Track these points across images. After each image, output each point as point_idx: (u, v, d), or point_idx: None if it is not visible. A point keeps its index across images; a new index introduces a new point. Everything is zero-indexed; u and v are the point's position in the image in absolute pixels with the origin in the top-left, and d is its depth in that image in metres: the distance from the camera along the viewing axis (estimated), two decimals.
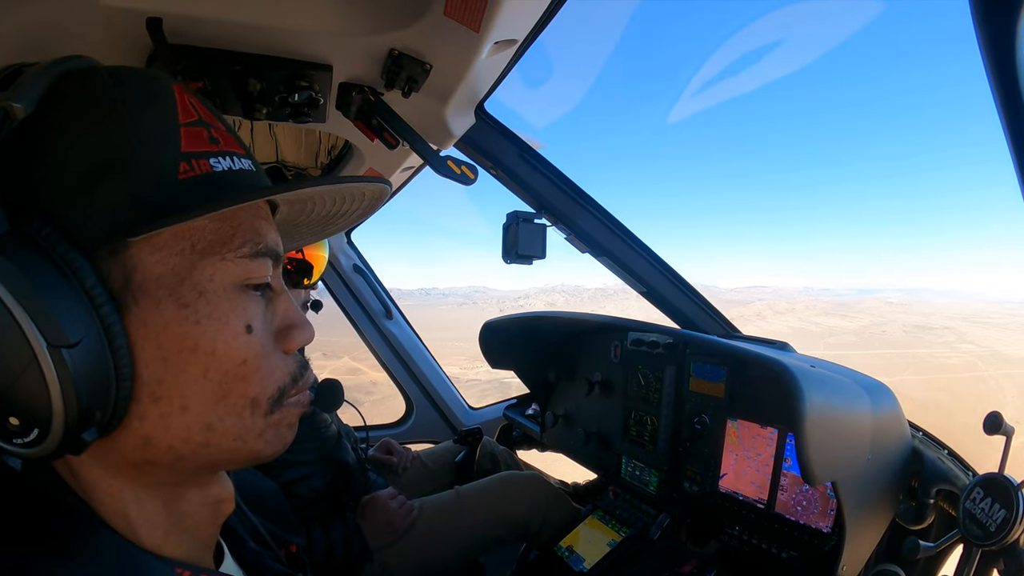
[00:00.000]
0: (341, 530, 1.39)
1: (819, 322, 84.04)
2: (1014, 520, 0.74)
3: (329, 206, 0.52)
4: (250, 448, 0.44)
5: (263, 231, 0.44)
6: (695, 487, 1.35)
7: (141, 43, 0.85)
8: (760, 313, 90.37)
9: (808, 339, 71.97)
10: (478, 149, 1.37)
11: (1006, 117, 0.45)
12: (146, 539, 0.43)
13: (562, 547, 1.46)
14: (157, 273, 0.39)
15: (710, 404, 1.33)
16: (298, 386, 0.47)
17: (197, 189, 0.40)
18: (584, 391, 1.70)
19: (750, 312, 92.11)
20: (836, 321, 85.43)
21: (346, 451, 1.58)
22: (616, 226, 1.54)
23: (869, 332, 78.34)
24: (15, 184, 0.37)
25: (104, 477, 0.42)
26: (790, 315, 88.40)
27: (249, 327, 0.43)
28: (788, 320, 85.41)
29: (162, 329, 0.39)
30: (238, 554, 0.56)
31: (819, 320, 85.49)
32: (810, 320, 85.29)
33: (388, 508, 1.50)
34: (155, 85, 0.42)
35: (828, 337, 73.93)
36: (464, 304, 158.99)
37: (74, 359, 0.35)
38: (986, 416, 0.81)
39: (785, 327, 78.86)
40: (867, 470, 0.98)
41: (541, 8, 0.89)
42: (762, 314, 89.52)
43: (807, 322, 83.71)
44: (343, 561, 1.36)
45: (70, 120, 0.38)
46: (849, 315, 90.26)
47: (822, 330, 79.58)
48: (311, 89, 1.01)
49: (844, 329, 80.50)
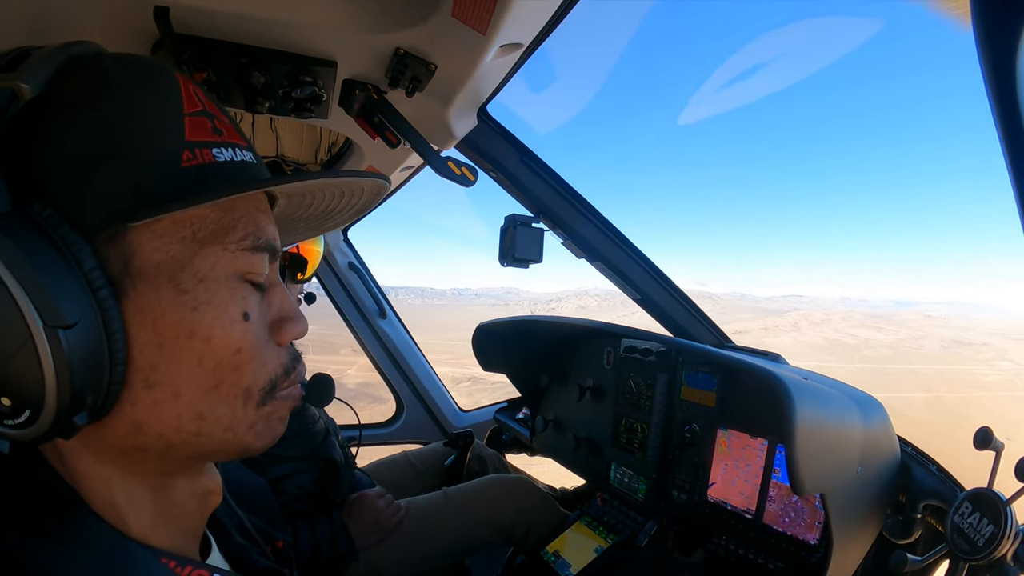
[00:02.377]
0: (327, 528, 1.38)
1: (855, 334, 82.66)
2: (1002, 535, 0.75)
3: (328, 201, 0.52)
4: (240, 440, 0.44)
5: (263, 224, 0.44)
6: (683, 495, 1.35)
7: (147, 31, 0.85)
8: (795, 323, 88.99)
9: (843, 351, 70.98)
10: (479, 151, 1.38)
11: (1004, 134, 0.46)
12: (133, 527, 0.42)
13: (548, 552, 1.46)
14: (156, 260, 0.39)
15: (701, 413, 1.33)
16: (290, 379, 0.47)
17: (199, 178, 0.40)
18: (575, 396, 1.70)
19: (785, 322, 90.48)
20: (872, 333, 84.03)
21: (334, 448, 1.57)
22: (613, 233, 1.55)
23: (905, 346, 77.12)
24: (19, 165, 0.37)
25: (93, 464, 0.41)
26: (825, 326, 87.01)
27: (246, 315, 0.43)
28: (823, 331, 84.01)
29: (159, 315, 0.39)
30: (225, 547, 0.55)
31: (855, 332, 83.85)
32: (846, 332, 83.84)
33: (375, 507, 1.49)
34: (160, 74, 0.42)
35: (864, 350, 72.90)
36: (496, 305, 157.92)
37: (70, 340, 0.35)
38: (976, 431, 0.82)
39: (820, 338, 77.80)
40: (856, 483, 0.99)
41: (548, 13, 0.89)
42: (797, 324, 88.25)
43: (842, 333, 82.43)
44: (329, 559, 1.35)
45: (75, 104, 0.38)
46: (886, 328, 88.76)
47: (857, 342, 78.00)
48: (315, 85, 1.01)
49: (880, 342, 79.16)
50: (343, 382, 23.05)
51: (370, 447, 2.47)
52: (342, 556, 1.37)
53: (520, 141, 1.40)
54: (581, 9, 0.99)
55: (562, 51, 52.50)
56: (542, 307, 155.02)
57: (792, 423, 0.89)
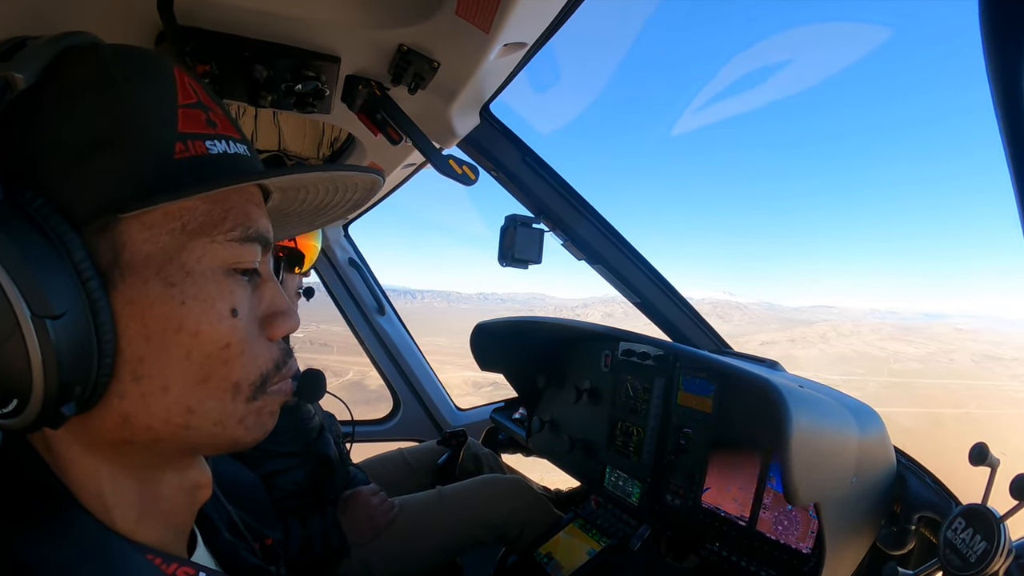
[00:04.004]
0: (320, 524, 1.38)
1: (884, 347, 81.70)
2: (994, 552, 0.74)
3: (322, 196, 0.52)
4: (230, 434, 0.44)
5: (254, 216, 0.44)
6: (677, 500, 1.35)
7: (150, 22, 0.85)
8: (824, 335, 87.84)
9: (872, 364, 70.01)
10: (480, 150, 1.37)
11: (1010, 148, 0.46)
12: (119, 521, 0.42)
13: (541, 553, 1.46)
14: (146, 251, 0.39)
15: (697, 418, 1.33)
16: (280, 374, 0.47)
17: (191, 169, 0.40)
18: (572, 398, 1.70)
19: (813, 333, 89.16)
20: (902, 346, 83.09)
21: (328, 445, 1.57)
22: (613, 235, 1.54)
23: (936, 360, 76.01)
24: (11, 154, 0.37)
25: (81, 455, 0.41)
26: (854, 338, 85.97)
27: (234, 311, 0.42)
28: (852, 343, 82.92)
29: (147, 308, 0.39)
30: (212, 544, 0.55)
31: (884, 344, 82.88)
32: (875, 344, 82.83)
33: (369, 504, 1.49)
34: (156, 65, 0.42)
35: (893, 363, 71.92)
36: (521, 311, 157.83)
37: (57, 331, 0.34)
38: (972, 447, 0.82)
39: (849, 350, 76.83)
40: (851, 493, 0.99)
41: (553, 13, 0.89)
42: (826, 336, 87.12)
43: (872, 346, 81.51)
44: (321, 556, 1.35)
45: (68, 94, 0.38)
46: (916, 341, 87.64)
47: (887, 355, 76.97)
48: (317, 80, 1.00)
49: (909, 355, 78.08)
50: (365, 383, 22.85)
51: (366, 443, 2.47)
52: (334, 552, 1.37)
53: (522, 141, 1.40)
54: (586, 9, 0.99)
55: (567, 51, 51.09)
56: (567, 314, 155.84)
57: (788, 431, 0.88)
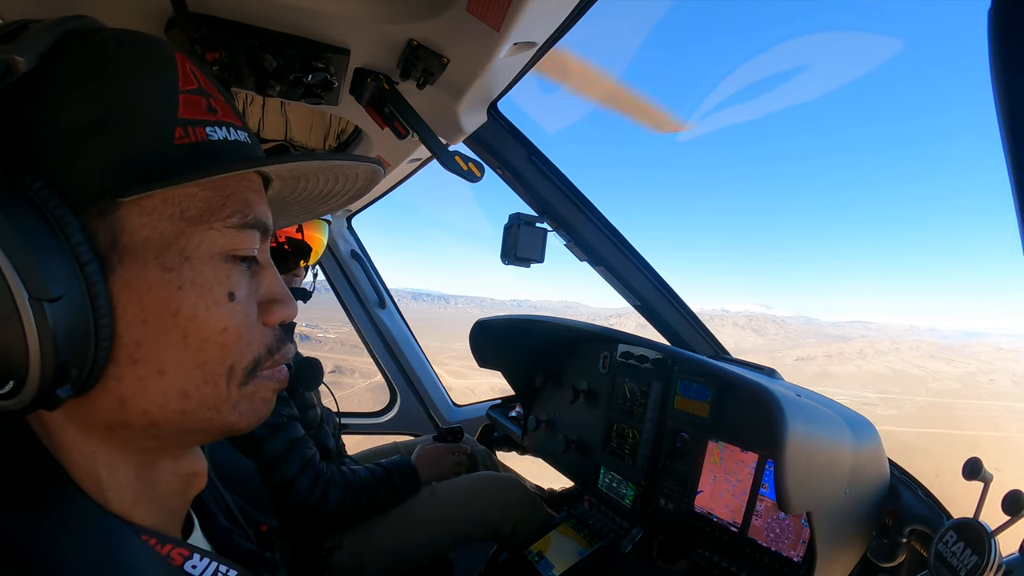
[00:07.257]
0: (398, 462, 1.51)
1: (922, 365, 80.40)
2: (985, 566, 0.75)
3: (322, 184, 0.52)
4: (224, 419, 0.44)
5: (253, 203, 0.44)
6: (670, 504, 1.35)
7: (161, 8, 0.85)
8: (861, 351, 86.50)
9: (909, 383, 68.70)
10: (487, 148, 1.38)
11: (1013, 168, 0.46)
12: (115, 503, 0.43)
13: (532, 552, 1.46)
14: (144, 236, 0.39)
15: (693, 423, 1.33)
16: (274, 359, 0.47)
17: (191, 155, 0.40)
18: (569, 398, 1.70)
19: (851, 349, 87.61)
20: (940, 365, 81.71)
21: (327, 436, 1.58)
22: (616, 238, 1.55)
23: (975, 380, 74.73)
24: (11, 137, 0.37)
25: (77, 437, 0.42)
26: (892, 355, 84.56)
27: (232, 295, 0.43)
28: (890, 360, 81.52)
29: (145, 292, 0.39)
30: (208, 529, 0.55)
31: (922, 363, 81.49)
32: (913, 362, 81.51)
33: (438, 450, 1.74)
34: (157, 50, 0.42)
35: (931, 382, 70.66)
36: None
37: (54, 313, 0.35)
38: (965, 462, 0.82)
39: (886, 368, 75.64)
40: (843, 503, 0.99)
41: (564, 13, 0.89)
42: (863, 352, 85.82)
43: (909, 364, 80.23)
44: (400, 488, 1.51)
45: (69, 77, 0.38)
46: (955, 360, 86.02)
47: (925, 374, 75.76)
48: (326, 71, 1.00)
49: (948, 374, 76.75)
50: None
51: (361, 435, 2.47)
52: (411, 487, 1.55)
53: (528, 140, 1.40)
54: (598, 10, 0.98)
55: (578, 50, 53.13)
56: (600, 323, 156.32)
57: (783, 438, 0.88)
